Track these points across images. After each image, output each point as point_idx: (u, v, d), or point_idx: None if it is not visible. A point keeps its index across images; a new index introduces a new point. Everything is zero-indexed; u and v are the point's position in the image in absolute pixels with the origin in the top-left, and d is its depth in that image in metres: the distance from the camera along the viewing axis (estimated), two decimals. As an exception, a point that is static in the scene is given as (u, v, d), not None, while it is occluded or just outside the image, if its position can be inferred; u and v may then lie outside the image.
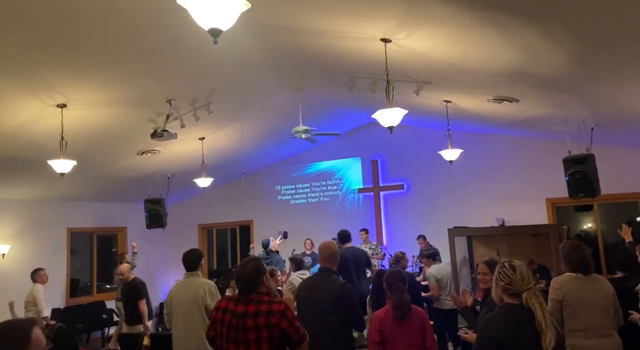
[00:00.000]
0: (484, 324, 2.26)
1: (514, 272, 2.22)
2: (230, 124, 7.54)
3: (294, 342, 2.63)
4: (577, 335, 3.10)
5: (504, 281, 2.22)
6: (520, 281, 2.19)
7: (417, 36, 4.12)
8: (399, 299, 3.14)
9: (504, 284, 2.22)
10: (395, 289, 3.19)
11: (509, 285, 2.20)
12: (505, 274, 2.23)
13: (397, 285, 3.19)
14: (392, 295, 3.19)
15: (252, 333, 2.59)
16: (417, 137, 9.58)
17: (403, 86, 5.73)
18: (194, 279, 4.09)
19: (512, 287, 2.19)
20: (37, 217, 8.59)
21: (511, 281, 2.20)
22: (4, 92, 4.83)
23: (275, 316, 2.59)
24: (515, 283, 2.19)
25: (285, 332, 2.59)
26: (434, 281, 6.07)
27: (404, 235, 9.45)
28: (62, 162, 5.50)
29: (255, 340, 2.57)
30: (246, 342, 2.59)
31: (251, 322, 2.60)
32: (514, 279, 2.20)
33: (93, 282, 10.15)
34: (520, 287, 2.18)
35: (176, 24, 3.84)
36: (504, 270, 2.25)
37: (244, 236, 11.23)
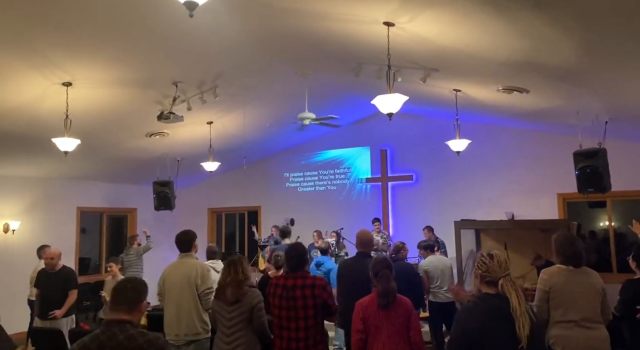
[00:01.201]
0: (458, 314, 2.23)
1: (492, 260, 2.22)
2: (237, 108, 7.52)
3: (330, 311, 3.48)
4: (563, 327, 3.10)
5: (481, 269, 2.23)
6: (498, 268, 2.19)
7: (421, 20, 4.01)
8: (385, 287, 3.07)
9: (481, 272, 2.22)
10: (382, 277, 3.11)
11: (486, 272, 2.21)
12: (482, 262, 2.24)
13: (383, 273, 3.12)
14: (378, 283, 3.13)
15: (299, 301, 3.39)
16: (427, 127, 9.44)
17: (410, 73, 5.62)
18: (187, 260, 4.11)
19: (489, 274, 2.19)
20: (47, 194, 8.74)
21: (488, 268, 2.20)
22: (9, 68, 4.88)
23: (318, 289, 3.41)
24: (492, 270, 2.19)
25: (325, 302, 3.41)
26: (423, 273, 6.01)
27: (411, 226, 9.36)
28: (66, 140, 5.56)
29: (302, 307, 3.38)
30: (295, 308, 3.39)
31: (299, 293, 3.40)
32: (491, 266, 2.20)
33: (102, 262, 10.33)
34: (497, 274, 2.18)
35: (180, 4, 3.80)
36: (482, 259, 2.25)
37: (252, 221, 11.28)
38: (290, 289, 3.41)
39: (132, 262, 8.43)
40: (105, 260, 10.36)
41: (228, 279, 3.62)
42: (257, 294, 3.72)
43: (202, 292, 3.93)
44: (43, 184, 8.69)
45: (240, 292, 3.56)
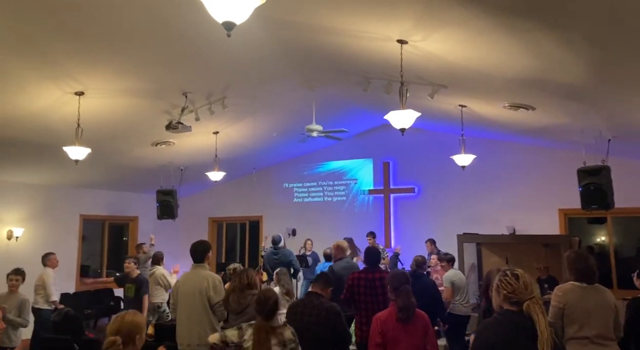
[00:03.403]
0: (479, 328, 2.24)
1: (517, 280, 2.17)
2: (243, 119, 7.59)
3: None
4: (577, 343, 3.13)
5: (507, 289, 2.18)
6: (524, 290, 2.15)
7: (434, 39, 4.10)
8: (406, 302, 3.13)
9: (506, 293, 2.18)
10: (402, 292, 3.18)
11: (512, 293, 2.16)
12: (507, 283, 2.18)
13: (404, 288, 3.19)
14: (397, 297, 3.17)
15: (379, 289, 4.43)
16: (430, 141, 9.52)
17: (418, 89, 5.70)
18: (200, 271, 4.14)
19: (515, 295, 2.15)
20: (51, 202, 8.74)
21: (514, 290, 2.16)
22: (23, 78, 4.93)
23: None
24: (518, 291, 2.15)
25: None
26: (449, 285, 6.01)
27: (412, 238, 9.40)
28: (77, 149, 5.60)
29: (380, 294, 4.40)
30: (375, 295, 4.44)
31: (378, 284, 4.47)
32: (517, 287, 2.16)
33: (103, 269, 10.30)
34: (524, 296, 2.14)
35: (193, 16, 3.87)
36: (507, 279, 2.20)
37: (254, 231, 11.29)
38: (371, 281, 4.50)
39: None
40: (106, 268, 10.35)
41: (231, 287, 3.66)
42: None
43: (216, 304, 3.94)
44: (47, 191, 8.69)
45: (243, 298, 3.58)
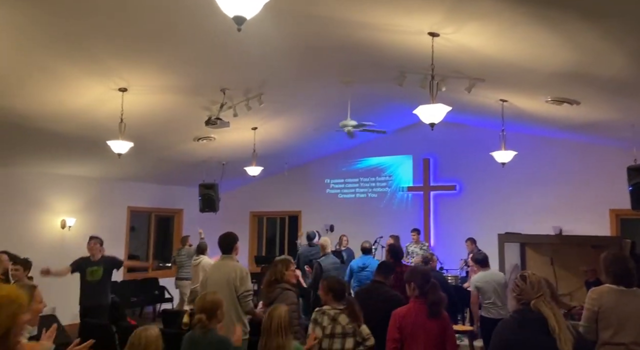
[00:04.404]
0: (496, 329, 2.22)
1: (524, 281, 2.22)
2: (281, 115, 7.68)
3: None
4: (611, 349, 2.93)
5: (515, 291, 2.25)
6: (530, 290, 2.19)
7: (466, 31, 3.99)
8: (437, 296, 3.11)
9: (515, 295, 2.25)
10: (432, 287, 3.17)
11: (520, 295, 2.22)
12: (516, 285, 2.26)
13: (432, 283, 3.18)
14: (428, 292, 3.14)
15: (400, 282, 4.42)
16: (471, 137, 9.27)
17: (456, 83, 5.57)
18: (228, 262, 4.25)
19: (522, 296, 2.20)
20: (101, 194, 9.22)
21: (521, 291, 2.21)
22: (70, 75, 5.23)
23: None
24: (525, 292, 2.20)
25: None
26: (474, 289, 5.82)
27: (452, 237, 9.21)
28: (120, 143, 5.87)
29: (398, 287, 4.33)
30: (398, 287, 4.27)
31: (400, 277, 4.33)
32: (524, 288, 2.21)
33: (149, 260, 10.76)
34: (530, 296, 2.18)
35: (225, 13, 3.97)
36: (516, 282, 2.27)
37: (293, 226, 11.43)
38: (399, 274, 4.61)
39: (183, 263, 8.72)
40: (153, 258, 10.82)
41: (265, 280, 3.73)
42: (289, 296, 3.78)
43: (241, 294, 4.04)
44: (97, 183, 9.17)
45: (269, 292, 3.64)
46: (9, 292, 1.74)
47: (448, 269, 8.51)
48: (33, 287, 2.59)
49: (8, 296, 1.72)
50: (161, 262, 10.90)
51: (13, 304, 1.71)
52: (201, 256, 7.50)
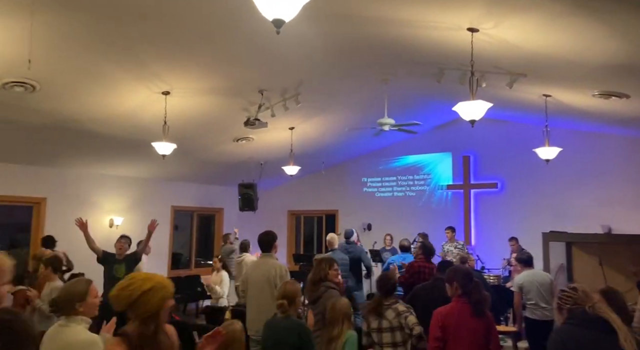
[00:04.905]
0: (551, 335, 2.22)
1: (576, 291, 2.21)
2: (318, 114, 7.74)
3: None
4: None
5: (569, 303, 2.20)
6: (585, 297, 2.17)
7: (506, 25, 3.90)
8: (482, 295, 3.11)
9: (570, 306, 2.20)
10: (475, 286, 3.16)
11: (575, 304, 2.19)
12: (568, 296, 2.22)
13: (475, 282, 3.17)
14: (472, 291, 3.13)
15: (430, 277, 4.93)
16: (513, 133, 9.02)
17: (496, 78, 5.45)
18: (268, 260, 4.32)
19: (579, 305, 2.17)
20: (145, 194, 9.55)
21: (575, 300, 2.19)
22: (117, 80, 5.46)
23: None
24: (580, 301, 2.18)
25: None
26: (517, 289, 5.65)
27: (493, 236, 9.00)
28: (164, 144, 6.09)
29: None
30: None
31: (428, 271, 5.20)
32: (578, 297, 2.19)
33: (192, 257, 11.07)
34: (586, 302, 2.15)
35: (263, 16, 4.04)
36: (566, 294, 2.23)
37: (330, 225, 11.46)
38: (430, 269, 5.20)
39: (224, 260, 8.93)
40: (195, 256, 11.12)
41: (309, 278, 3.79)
42: (333, 294, 3.81)
43: (282, 292, 4.10)
44: (142, 184, 9.52)
45: (314, 290, 3.68)
46: (161, 279, 2.06)
47: (490, 269, 8.33)
48: (89, 282, 2.73)
49: (161, 283, 2.03)
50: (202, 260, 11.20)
51: (164, 289, 2.02)
52: (244, 254, 7.67)
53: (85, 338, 2.49)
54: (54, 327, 2.57)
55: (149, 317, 1.97)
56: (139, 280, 2.02)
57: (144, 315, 1.97)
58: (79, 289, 2.60)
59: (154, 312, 1.98)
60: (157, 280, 2.04)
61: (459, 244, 8.42)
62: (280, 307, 3.20)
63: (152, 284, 2.00)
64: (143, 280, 2.01)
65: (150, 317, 1.97)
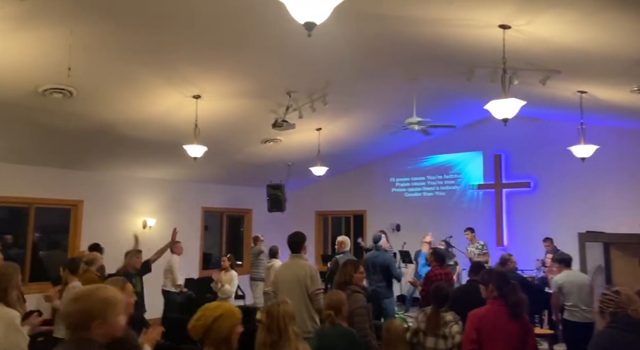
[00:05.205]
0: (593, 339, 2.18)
1: (619, 295, 2.18)
2: (345, 115, 7.73)
3: None
4: None
5: (612, 306, 2.18)
6: (628, 300, 2.15)
7: (540, 21, 3.81)
8: (519, 297, 3.06)
9: (612, 309, 2.18)
10: (512, 288, 3.12)
11: (617, 308, 2.17)
12: (609, 300, 2.19)
13: (512, 284, 3.12)
14: (509, 294, 3.08)
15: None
16: (546, 131, 8.81)
17: (528, 75, 5.32)
18: (298, 261, 4.33)
19: (622, 308, 2.15)
20: (177, 195, 9.75)
21: (617, 304, 2.16)
22: (151, 84, 5.60)
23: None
24: (623, 304, 2.15)
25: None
26: (556, 289, 5.49)
27: (526, 236, 8.80)
28: (195, 147, 6.20)
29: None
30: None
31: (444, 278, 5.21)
32: (620, 300, 2.16)
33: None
34: (628, 306, 2.13)
35: (292, 18, 4.07)
36: (607, 297, 2.21)
37: (358, 225, 11.43)
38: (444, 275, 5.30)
39: (252, 262, 9.04)
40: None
41: (335, 280, 3.79)
42: (358, 298, 3.79)
43: (312, 293, 4.10)
44: (173, 186, 9.72)
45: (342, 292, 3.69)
46: (230, 307, 2.29)
47: (523, 270, 8.14)
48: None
49: (230, 310, 2.24)
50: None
51: (233, 316, 2.22)
52: (273, 260, 7.69)
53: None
54: None
55: (222, 342, 2.16)
56: (210, 309, 2.22)
57: (217, 341, 2.15)
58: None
59: (226, 337, 2.16)
60: (226, 308, 2.25)
61: (479, 245, 8.28)
62: (328, 318, 3.33)
63: (222, 311, 2.19)
64: (214, 309, 2.22)
65: (223, 341, 2.16)
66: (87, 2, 3.83)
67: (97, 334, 1.81)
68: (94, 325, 1.80)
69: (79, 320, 1.82)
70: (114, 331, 1.89)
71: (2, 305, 2.69)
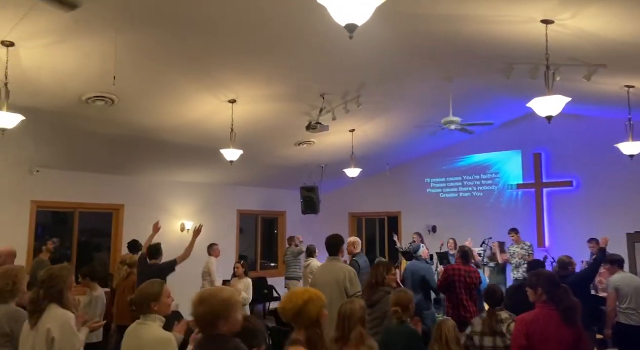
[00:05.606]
0: None
1: None
2: (379, 116, 7.67)
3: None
4: None
5: None
6: None
7: (585, 15, 3.67)
8: (572, 302, 2.96)
9: None
10: (564, 292, 3.02)
11: None
12: None
13: (564, 288, 3.01)
14: (561, 298, 2.98)
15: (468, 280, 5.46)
16: (589, 128, 8.48)
17: (571, 71, 5.13)
18: (336, 263, 4.32)
19: None
20: (213, 199, 9.90)
21: None
22: (189, 90, 5.71)
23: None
24: None
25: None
26: (612, 290, 5.25)
27: (569, 237, 8.49)
28: (231, 151, 6.29)
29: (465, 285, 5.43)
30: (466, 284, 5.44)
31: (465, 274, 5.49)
32: None
33: (257, 260, 11.34)
34: None
35: (326, 21, 4.05)
36: None
37: (393, 227, 11.31)
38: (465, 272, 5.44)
39: (290, 262, 9.11)
40: (261, 258, 11.38)
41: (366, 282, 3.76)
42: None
43: (353, 296, 4.08)
44: (210, 189, 9.88)
45: (371, 294, 3.65)
46: (315, 291, 2.43)
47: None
48: (162, 283, 2.87)
49: (316, 294, 2.39)
50: (267, 262, 11.43)
51: (319, 299, 2.36)
52: (310, 259, 7.73)
53: (161, 335, 2.62)
54: (133, 325, 2.72)
55: (312, 324, 2.30)
56: (298, 294, 2.38)
57: (307, 324, 2.30)
58: (153, 290, 2.74)
59: (315, 320, 2.30)
60: (312, 292, 2.40)
61: (525, 245, 8.03)
62: (395, 314, 3.41)
63: (309, 296, 2.34)
64: (301, 293, 2.38)
65: (314, 324, 2.30)
66: (129, 12, 3.94)
67: (224, 331, 2.03)
68: (220, 324, 2.02)
69: (207, 321, 2.05)
70: (236, 327, 2.09)
71: (57, 307, 2.77)
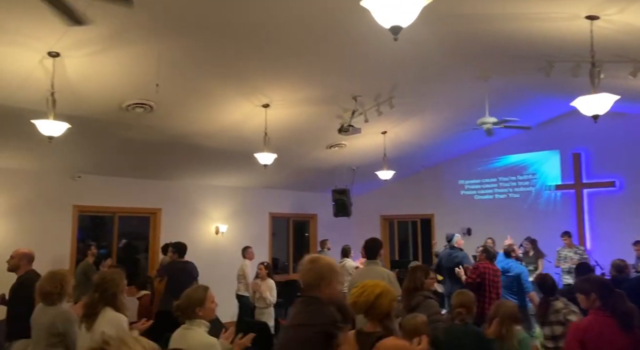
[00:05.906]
0: None
1: None
2: (411, 117, 7.58)
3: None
4: None
5: None
6: None
7: (633, 9, 3.52)
8: (629, 307, 2.84)
9: None
10: (620, 297, 2.90)
11: None
12: None
13: (619, 293, 2.90)
14: (617, 303, 2.86)
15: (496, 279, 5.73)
16: (632, 126, 8.17)
17: (615, 68, 4.94)
18: (374, 267, 4.28)
19: None
20: (246, 202, 9.99)
21: None
22: (221, 96, 5.78)
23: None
24: None
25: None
26: None
27: (613, 239, 8.18)
28: (265, 155, 6.33)
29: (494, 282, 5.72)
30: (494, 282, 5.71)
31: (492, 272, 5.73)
32: None
33: (290, 262, 11.37)
34: None
35: (359, 23, 4.04)
36: None
37: (425, 230, 11.16)
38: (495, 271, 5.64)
39: None
40: (293, 261, 11.41)
41: (404, 286, 3.72)
42: (432, 305, 3.68)
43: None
44: (243, 192, 9.98)
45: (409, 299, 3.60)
46: (386, 285, 2.51)
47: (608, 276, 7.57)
48: (206, 289, 2.90)
49: (386, 287, 2.47)
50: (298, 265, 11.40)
51: (390, 293, 2.44)
52: (345, 259, 7.75)
53: (206, 341, 2.64)
54: (179, 330, 2.76)
55: (385, 317, 2.36)
56: (370, 287, 2.43)
57: (379, 316, 2.36)
58: (198, 295, 2.77)
59: (387, 312, 2.37)
60: (383, 286, 2.46)
61: (578, 249, 7.78)
62: (459, 315, 3.42)
63: (380, 289, 2.40)
64: (373, 286, 2.43)
65: (385, 317, 2.36)
66: (167, 20, 4.02)
67: (324, 293, 2.12)
68: (322, 286, 2.12)
69: (312, 280, 2.16)
70: (335, 294, 2.17)
71: (111, 310, 2.84)
